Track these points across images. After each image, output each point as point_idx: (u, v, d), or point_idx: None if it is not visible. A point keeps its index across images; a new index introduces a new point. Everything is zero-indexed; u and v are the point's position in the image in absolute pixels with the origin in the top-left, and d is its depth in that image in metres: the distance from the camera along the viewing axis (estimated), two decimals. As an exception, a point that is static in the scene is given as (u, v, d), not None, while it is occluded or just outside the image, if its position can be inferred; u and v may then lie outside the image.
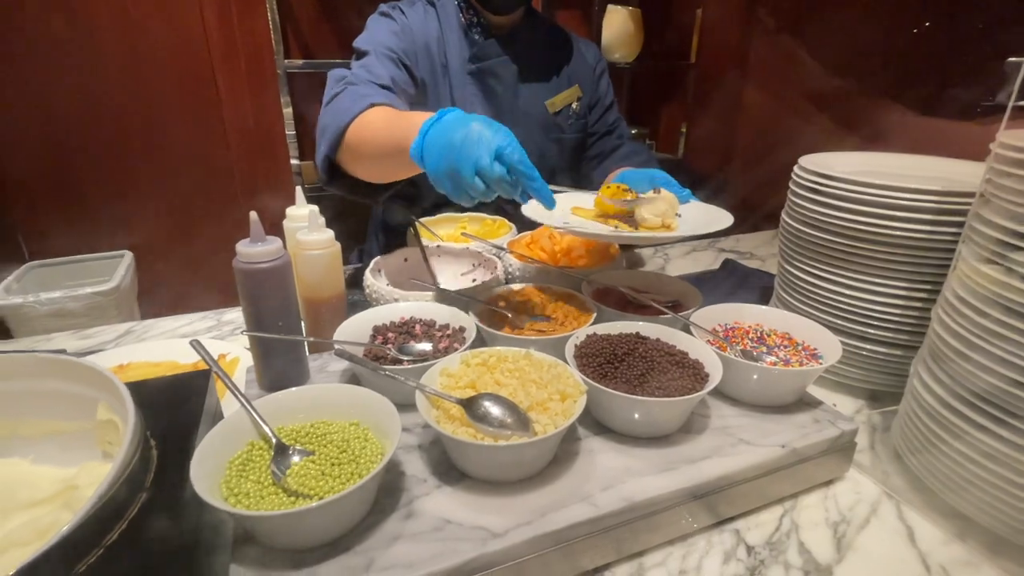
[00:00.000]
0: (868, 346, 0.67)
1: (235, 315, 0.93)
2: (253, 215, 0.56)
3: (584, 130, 1.14)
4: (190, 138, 2.16)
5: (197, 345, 0.52)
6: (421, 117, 0.62)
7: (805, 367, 0.59)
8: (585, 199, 0.81)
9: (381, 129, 0.73)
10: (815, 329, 0.64)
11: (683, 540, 0.51)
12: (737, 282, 1.00)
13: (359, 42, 0.94)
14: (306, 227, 0.67)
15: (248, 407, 0.47)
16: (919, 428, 0.54)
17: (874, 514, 0.54)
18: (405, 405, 0.49)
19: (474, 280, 0.85)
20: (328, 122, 0.79)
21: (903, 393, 0.60)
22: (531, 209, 0.71)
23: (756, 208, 2.23)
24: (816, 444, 0.54)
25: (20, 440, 0.46)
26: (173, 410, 0.48)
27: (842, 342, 0.62)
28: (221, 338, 0.85)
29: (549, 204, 0.59)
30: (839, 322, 0.68)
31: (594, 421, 0.56)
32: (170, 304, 2.41)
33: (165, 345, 0.80)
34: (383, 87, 0.85)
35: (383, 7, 1.00)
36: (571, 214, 0.78)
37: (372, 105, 0.77)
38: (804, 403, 0.59)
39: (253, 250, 0.55)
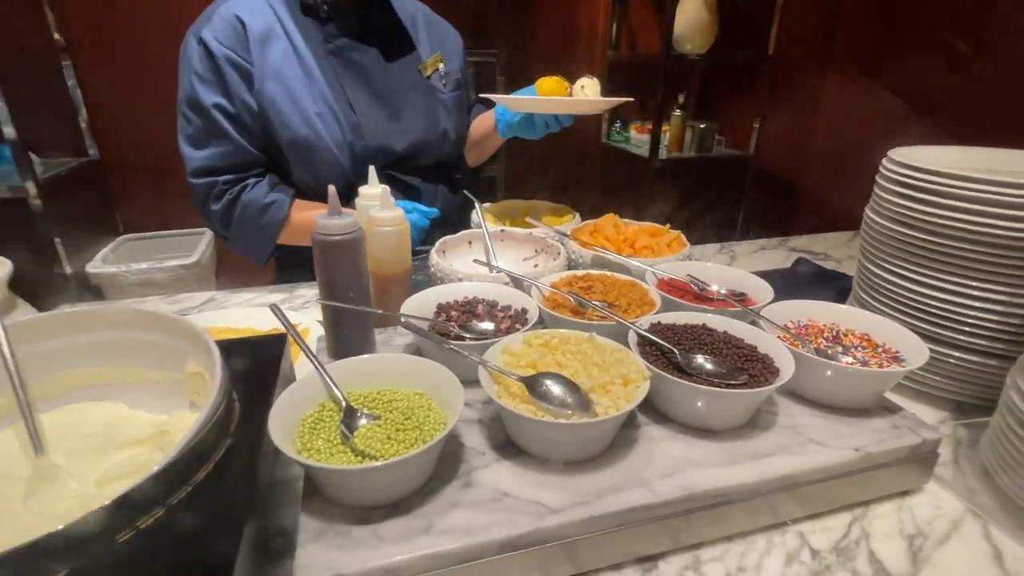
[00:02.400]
0: (958, 354, 0.62)
1: (305, 290, 0.98)
2: (331, 189, 0.58)
3: (460, 89, 1.11)
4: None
5: (276, 310, 0.55)
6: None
7: (886, 369, 0.55)
8: (519, 94, 0.95)
9: (304, 234, 0.91)
10: (898, 331, 0.60)
11: (743, 537, 0.49)
12: (810, 281, 0.95)
13: (184, 96, 0.93)
14: (378, 205, 0.69)
15: (321, 370, 0.49)
16: (1014, 444, 0.50)
17: (956, 531, 0.51)
18: (466, 381, 0.49)
19: (536, 266, 0.85)
20: (248, 242, 0.98)
21: (995, 406, 0.55)
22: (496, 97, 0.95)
23: (833, 207, 2.12)
24: (893, 451, 0.51)
25: (120, 386, 0.50)
26: (253, 369, 0.51)
27: (929, 348, 0.58)
28: (293, 310, 0.89)
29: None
30: (925, 326, 0.63)
31: (654, 410, 0.55)
32: (243, 279, 2.56)
33: (243, 313, 0.85)
34: (243, 163, 0.94)
35: (200, 36, 0.90)
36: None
37: (282, 221, 0.94)
38: (882, 407, 0.56)
39: (330, 222, 0.57)
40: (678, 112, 2.38)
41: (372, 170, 0.77)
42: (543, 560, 0.43)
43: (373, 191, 0.75)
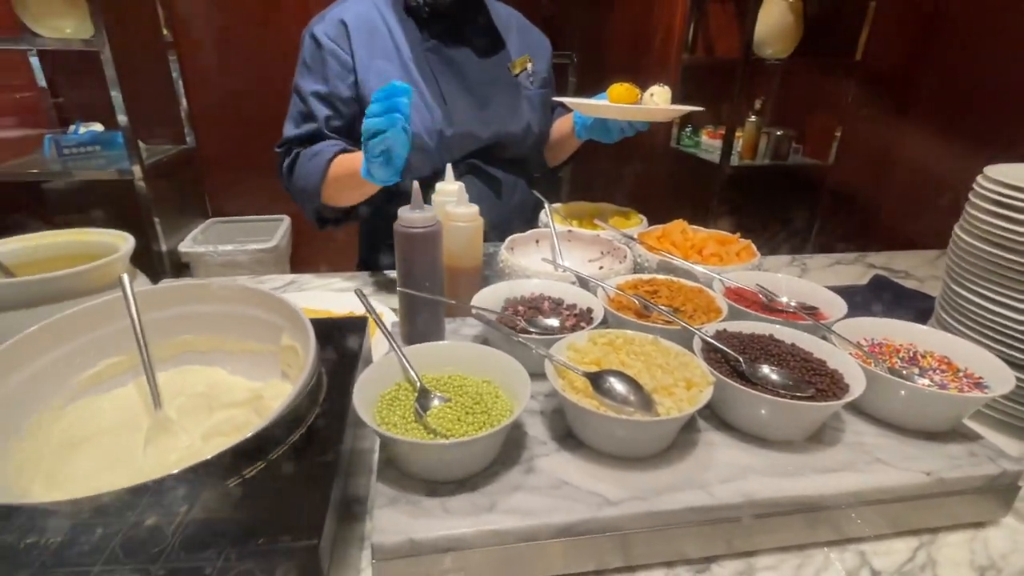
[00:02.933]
0: (1049, 384, 0.59)
1: (379, 278, 1.03)
2: (415, 185, 0.62)
3: (545, 87, 1.17)
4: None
5: (360, 294, 0.59)
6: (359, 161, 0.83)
7: (967, 394, 0.53)
8: (591, 101, 0.96)
9: (342, 175, 0.94)
10: (982, 356, 0.57)
11: (799, 549, 0.49)
12: (888, 300, 0.91)
13: (295, 82, 1.02)
14: (454, 201, 0.73)
15: (399, 352, 0.53)
16: (1107, 483, 0.47)
17: (1034, 568, 0.48)
18: (531, 374, 0.52)
19: (601, 267, 0.86)
20: (302, 187, 0.98)
21: (1090, 442, 0.52)
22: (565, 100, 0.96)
23: (916, 225, 2.00)
24: (969, 479, 0.49)
25: (222, 354, 0.56)
26: (337, 346, 0.56)
27: (1016, 377, 0.55)
28: (376, 293, 0.95)
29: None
30: (1014, 353, 0.60)
31: (715, 416, 0.55)
32: (315, 265, 2.71)
33: (320, 296, 0.91)
34: (317, 135, 1.00)
35: (312, 31, 1.01)
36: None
37: (327, 161, 0.94)
38: (958, 433, 0.54)
39: (412, 215, 0.61)
40: (753, 118, 2.31)
41: (449, 168, 0.81)
42: (597, 550, 0.45)
43: (450, 187, 0.78)
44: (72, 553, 0.32)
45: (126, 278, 0.51)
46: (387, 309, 0.85)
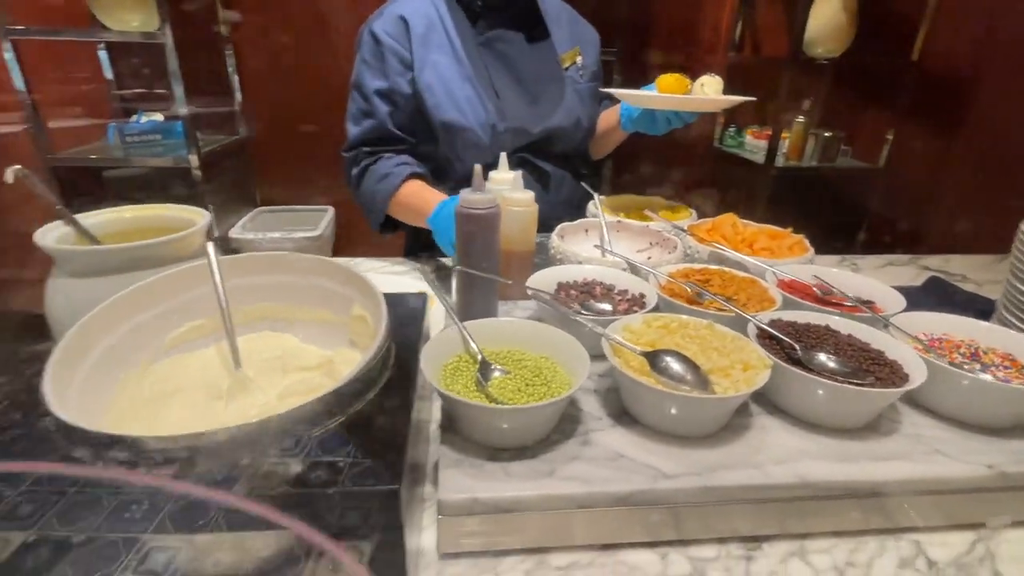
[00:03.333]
0: (1119, 386, 0.57)
1: (425, 264, 1.06)
2: (477, 168, 0.64)
3: (594, 80, 1.18)
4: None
5: (424, 271, 0.62)
6: (429, 207, 0.91)
7: (1032, 389, 0.52)
8: (640, 91, 0.96)
9: (409, 210, 0.99)
10: (1049, 354, 0.56)
11: (852, 535, 0.49)
12: (944, 302, 0.89)
13: (353, 80, 1.06)
14: (508, 188, 0.75)
15: (460, 326, 0.55)
16: None
17: (1099, 568, 0.47)
18: (587, 353, 0.53)
19: (649, 258, 0.87)
20: (368, 205, 1.05)
21: None
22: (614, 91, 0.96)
23: (972, 232, 1.93)
24: (1033, 474, 0.49)
25: (295, 322, 0.60)
26: (401, 319, 0.58)
27: (1084, 374, 0.54)
28: (416, 280, 0.98)
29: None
30: (1083, 353, 0.59)
31: (767, 401, 0.56)
32: (357, 254, 2.78)
33: (373, 279, 0.95)
34: (381, 133, 1.03)
35: (371, 28, 1.03)
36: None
37: (395, 188, 0.99)
38: (1021, 428, 0.53)
39: (474, 197, 0.63)
40: (801, 119, 2.27)
41: (503, 156, 0.83)
42: (650, 521, 0.46)
43: (505, 176, 0.80)
44: (199, 479, 0.35)
45: (211, 247, 0.55)
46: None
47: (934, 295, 0.93)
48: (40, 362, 0.43)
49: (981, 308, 0.87)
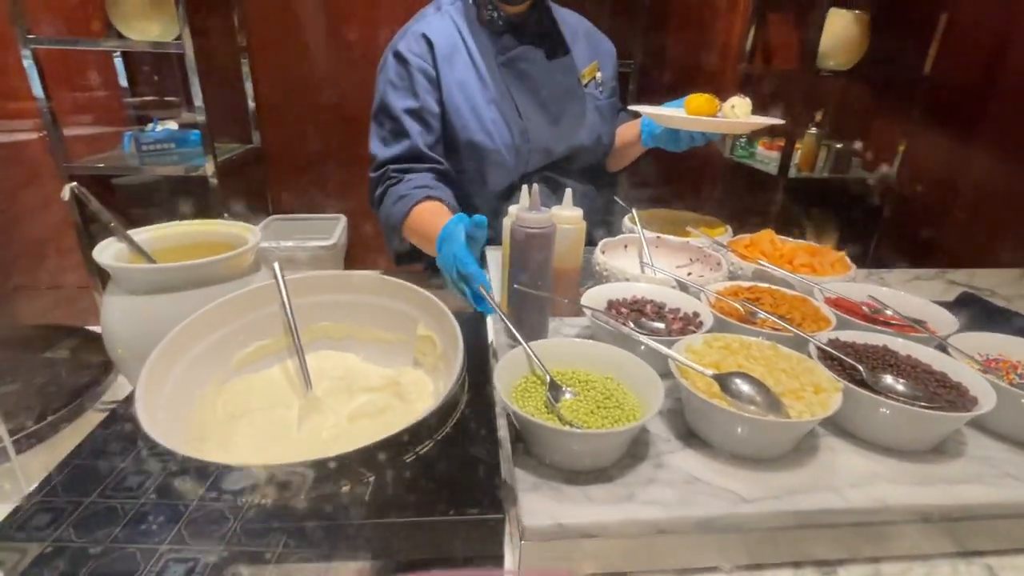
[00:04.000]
0: None
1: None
2: (535, 188, 0.65)
3: (613, 96, 1.19)
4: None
5: (486, 292, 0.62)
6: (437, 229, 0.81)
7: (1099, 412, 0.53)
8: (666, 110, 0.97)
9: (418, 231, 0.96)
10: (1109, 375, 0.57)
11: (924, 559, 0.49)
12: (979, 318, 0.89)
13: (378, 105, 1.05)
14: (559, 206, 0.75)
15: (526, 347, 0.55)
16: None
17: None
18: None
19: (689, 274, 0.87)
20: (384, 225, 1.04)
21: None
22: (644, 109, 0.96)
23: (985, 244, 1.94)
24: (1105, 497, 0.49)
25: (354, 341, 0.60)
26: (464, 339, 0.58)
27: None
28: (444, 295, 0.98)
29: (482, 307, 0.68)
30: None
31: (828, 421, 0.55)
32: (369, 263, 2.78)
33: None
34: (413, 153, 1.02)
35: (395, 49, 1.03)
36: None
37: (409, 210, 0.96)
38: (1087, 453, 0.53)
39: (530, 216, 0.63)
40: (813, 130, 2.28)
41: (524, 189, 0.81)
42: (725, 545, 0.46)
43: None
44: (289, 509, 0.35)
45: (278, 268, 0.55)
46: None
47: (971, 311, 0.94)
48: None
49: (1018, 324, 0.88)
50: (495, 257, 0.98)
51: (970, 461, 0.52)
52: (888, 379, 0.54)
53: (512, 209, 0.76)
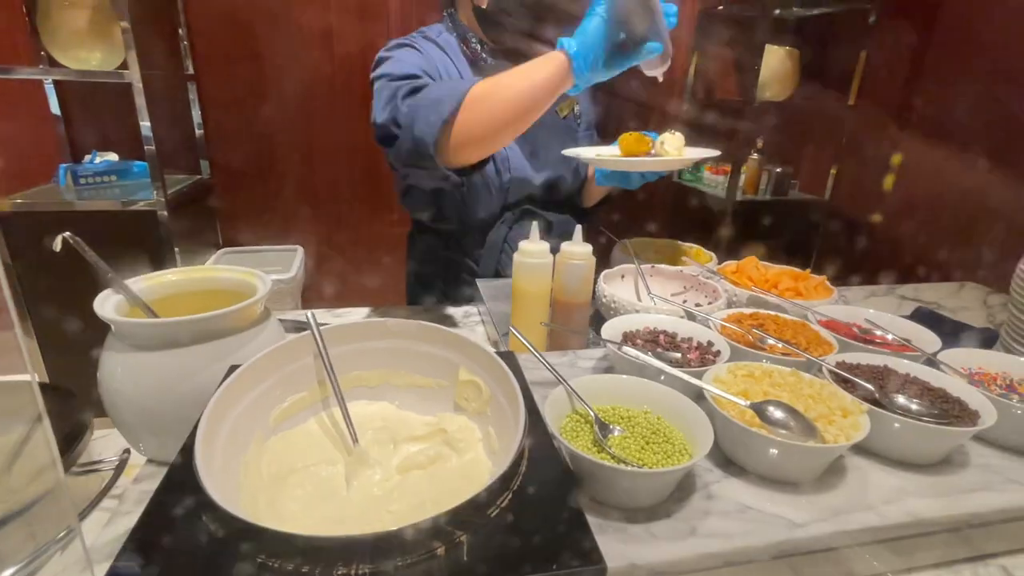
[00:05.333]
0: None
1: (464, 311, 1.06)
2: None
3: (589, 129, 1.23)
4: (366, 147, 2.41)
5: (514, 329, 0.62)
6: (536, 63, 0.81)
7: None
8: (604, 151, 1.02)
9: (503, 88, 0.84)
10: (1076, 383, 0.64)
11: (948, 566, 0.53)
12: (943, 332, 0.98)
13: (390, 67, 0.97)
14: (569, 242, 0.77)
15: (567, 385, 0.56)
16: None
17: None
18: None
19: (684, 301, 0.91)
20: (423, 112, 0.84)
21: None
22: (572, 150, 0.96)
23: (913, 254, 2.12)
24: (1092, 495, 0.55)
25: (390, 388, 0.58)
26: (500, 380, 0.58)
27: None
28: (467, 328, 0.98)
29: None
30: (1097, 380, 0.67)
31: (848, 442, 0.59)
32: (328, 297, 2.70)
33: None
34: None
35: (400, 40, 1.04)
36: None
37: (471, 84, 0.86)
38: (1069, 454, 0.60)
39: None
40: (755, 156, 2.45)
41: (534, 225, 0.83)
42: (768, 571, 0.48)
43: (534, 247, 0.80)
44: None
45: (312, 318, 0.54)
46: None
47: (933, 326, 1.02)
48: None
49: (972, 336, 0.97)
50: (495, 289, 0.98)
51: (976, 470, 0.57)
52: (901, 398, 0.58)
53: (523, 244, 0.78)
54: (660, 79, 0.83)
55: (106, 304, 0.59)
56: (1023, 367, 0.68)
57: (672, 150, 0.94)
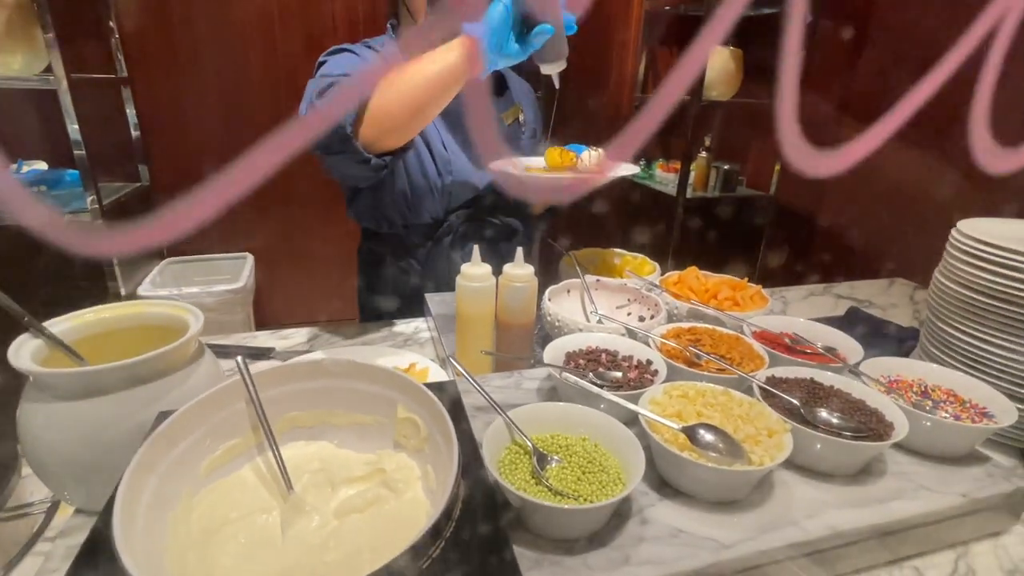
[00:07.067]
0: (1029, 408, 0.71)
1: (415, 326, 1.06)
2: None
3: (534, 137, 1.25)
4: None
5: (454, 361, 0.62)
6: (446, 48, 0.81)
7: (986, 424, 0.63)
8: (534, 162, 1.02)
9: (410, 74, 0.83)
10: (982, 389, 0.69)
11: (868, 570, 0.57)
12: (870, 333, 1.04)
13: (326, 69, 0.97)
14: (511, 264, 0.77)
15: (506, 417, 0.57)
16: (1094, 491, 0.58)
17: (1047, 567, 0.58)
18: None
19: (629, 314, 0.93)
20: (335, 104, 0.80)
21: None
22: (499, 163, 0.93)
23: (850, 247, 2.22)
24: (993, 497, 0.59)
25: (328, 428, 0.57)
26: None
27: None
28: (398, 348, 0.97)
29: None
30: (1005, 385, 0.72)
31: (777, 455, 0.62)
32: (280, 306, 2.63)
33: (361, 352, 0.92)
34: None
35: (341, 46, 1.03)
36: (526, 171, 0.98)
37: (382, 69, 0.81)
38: (973, 456, 0.64)
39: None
40: (704, 153, 2.51)
41: (476, 249, 0.83)
42: (711, 589, 0.51)
43: (475, 271, 0.80)
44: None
45: (242, 363, 0.52)
46: (428, 362, 0.87)
47: (856, 325, 1.08)
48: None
49: (898, 335, 1.03)
50: (444, 305, 0.98)
51: (892, 478, 0.61)
52: (823, 413, 0.61)
53: (465, 268, 0.78)
54: (556, 84, 0.86)
55: (21, 352, 0.56)
56: (936, 374, 0.73)
57: (591, 165, 0.97)
